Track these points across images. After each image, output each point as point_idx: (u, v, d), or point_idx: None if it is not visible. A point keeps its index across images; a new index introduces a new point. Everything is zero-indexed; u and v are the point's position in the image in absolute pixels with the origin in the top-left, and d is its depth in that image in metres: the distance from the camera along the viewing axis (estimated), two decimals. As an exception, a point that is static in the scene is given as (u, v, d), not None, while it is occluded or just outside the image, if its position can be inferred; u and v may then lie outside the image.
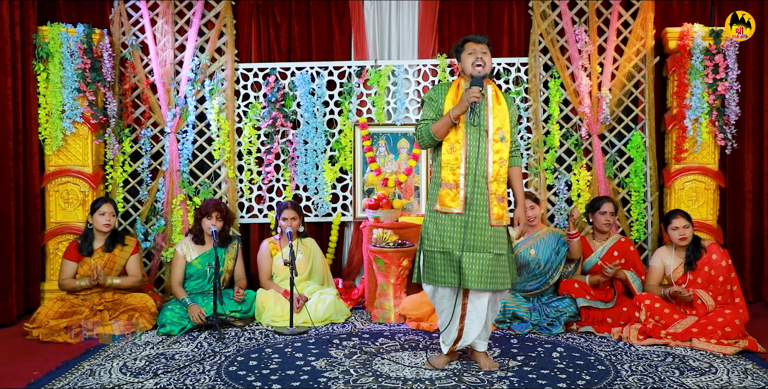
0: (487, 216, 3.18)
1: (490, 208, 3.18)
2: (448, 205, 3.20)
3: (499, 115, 3.23)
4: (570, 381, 3.11)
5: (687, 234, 3.98)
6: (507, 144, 3.23)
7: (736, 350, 3.56)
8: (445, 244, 3.19)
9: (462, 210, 3.18)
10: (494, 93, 3.27)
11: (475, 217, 3.18)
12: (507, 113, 3.25)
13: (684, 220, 3.98)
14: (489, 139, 3.19)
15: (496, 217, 3.19)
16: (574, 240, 4.15)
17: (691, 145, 4.78)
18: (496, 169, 3.19)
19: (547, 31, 4.99)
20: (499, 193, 3.21)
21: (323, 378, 3.15)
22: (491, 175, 3.18)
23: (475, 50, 3.27)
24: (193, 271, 4.37)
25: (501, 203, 3.22)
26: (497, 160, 3.20)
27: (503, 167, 3.22)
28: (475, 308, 3.22)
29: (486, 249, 3.16)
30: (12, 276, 4.41)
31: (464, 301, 3.22)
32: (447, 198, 3.21)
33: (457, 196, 3.19)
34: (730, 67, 4.69)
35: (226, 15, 5.05)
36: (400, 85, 5.09)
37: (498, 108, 3.24)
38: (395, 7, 5.23)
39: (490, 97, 3.24)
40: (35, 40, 4.66)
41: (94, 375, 3.21)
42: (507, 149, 3.23)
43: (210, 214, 4.37)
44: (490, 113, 3.21)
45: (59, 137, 4.74)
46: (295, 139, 5.10)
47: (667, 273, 4.08)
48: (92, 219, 4.18)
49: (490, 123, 3.20)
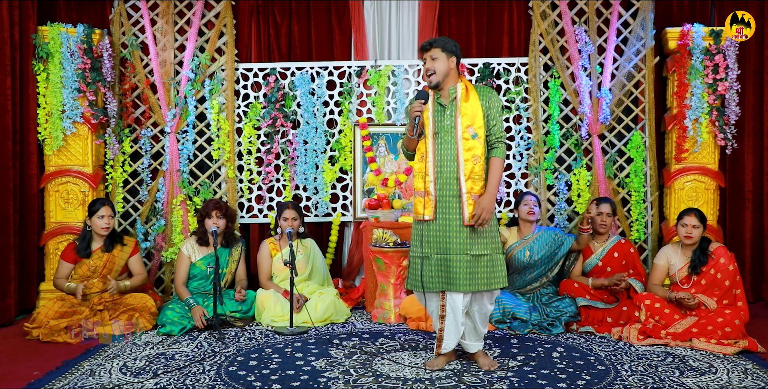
0: (459, 218, 3.16)
1: (463, 208, 3.15)
2: (421, 213, 3.23)
3: (467, 113, 3.18)
4: (570, 381, 3.11)
5: (694, 234, 3.95)
6: (480, 140, 3.17)
7: (736, 350, 3.56)
8: (424, 249, 3.22)
9: (432, 217, 3.19)
10: (464, 91, 3.21)
11: (447, 220, 3.18)
12: (479, 108, 3.19)
13: (695, 220, 3.95)
14: (459, 138, 3.17)
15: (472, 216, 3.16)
16: (585, 234, 4.18)
17: (691, 145, 4.78)
18: (469, 167, 3.15)
19: (547, 31, 4.99)
20: (474, 191, 3.15)
21: (323, 378, 3.15)
22: (464, 174, 3.14)
23: (425, 59, 3.21)
24: (197, 272, 4.37)
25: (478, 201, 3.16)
26: (470, 158, 3.15)
27: (478, 164, 3.15)
28: (451, 310, 3.21)
29: (462, 251, 3.15)
30: (11, 276, 4.41)
31: (442, 302, 3.23)
32: (419, 206, 3.23)
33: (429, 203, 3.19)
34: (730, 67, 4.68)
35: (226, 15, 5.05)
36: (400, 85, 5.09)
37: (465, 105, 3.18)
38: (395, 7, 5.23)
39: (459, 97, 3.20)
40: (35, 40, 4.66)
41: (94, 375, 3.21)
42: (481, 145, 3.17)
43: (210, 213, 4.37)
44: (458, 112, 3.18)
45: (59, 137, 4.73)
46: (295, 139, 5.09)
47: (671, 272, 4.06)
48: (90, 222, 4.18)
49: (459, 122, 3.17)
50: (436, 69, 3.18)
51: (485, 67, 5.04)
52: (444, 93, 3.26)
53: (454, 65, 3.23)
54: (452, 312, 3.21)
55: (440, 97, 3.26)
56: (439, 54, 3.18)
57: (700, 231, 3.97)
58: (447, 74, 3.21)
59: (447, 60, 3.20)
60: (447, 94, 3.25)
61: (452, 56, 3.21)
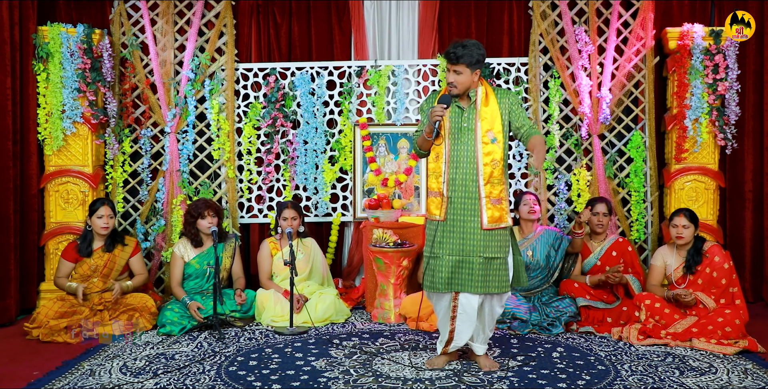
0: (477, 220, 3.17)
1: (482, 212, 3.17)
2: (434, 213, 3.25)
3: (487, 117, 3.19)
4: (570, 381, 3.11)
5: (685, 234, 3.95)
6: (499, 144, 3.18)
7: (736, 350, 3.56)
8: (435, 250, 3.23)
9: (444, 218, 3.21)
10: (484, 95, 3.22)
11: (463, 221, 3.19)
12: (497, 113, 3.19)
13: (685, 220, 3.95)
14: (478, 142, 3.18)
15: (491, 220, 3.17)
16: (578, 238, 4.18)
17: (691, 145, 4.78)
18: (488, 171, 3.17)
19: (547, 31, 4.98)
20: (494, 196, 3.17)
21: (323, 378, 3.15)
22: (483, 178, 3.16)
23: (449, 69, 3.15)
24: (192, 271, 4.37)
25: (497, 205, 3.18)
26: (489, 162, 3.17)
27: (497, 168, 3.17)
28: (464, 310, 3.22)
29: (475, 253, 3.17)
30: (11, 276, 4.41)
31: (455, 303, 3.23)
32: (432, 206, 3.26)
33: (442, 204, 3.21)
34: (730, 67, 4.68)
35: (226, 15, 5.05)
36: (400, 85, 5.09)
37: (485, 110, 3.19)
38: (395, 7, 5.23)
39: (479, 101, 3.21)
40: (35, 40, 4.66)
41: (94, 375, 3.21)
42: (500, 149, 3.18)
43: (203, 214, 4.35)
44: (477, 116, 3.19)
45: (59, 137, 4.73)
46: (295, 139, 5.09)
47: (668, 273, 4.07)
48: (90, 222, 4.19)
49: (479, 126, 3.18)
50: (458, 83, 3.14)
51: (485, 67, 5.04)
52: (463, 95, 3.25)
53: (477, 78, 3.19)
54: (465, 312, 3.21)
55: (459, 100, 3.25)
56: (464, 70, 3.12)
57: (691, 231, 3.96)
58: (468, 87, 3.19)
59: (471, 74, 3.15)
60: (467, 96, 3.25)
61: (477, 69, 3.16)
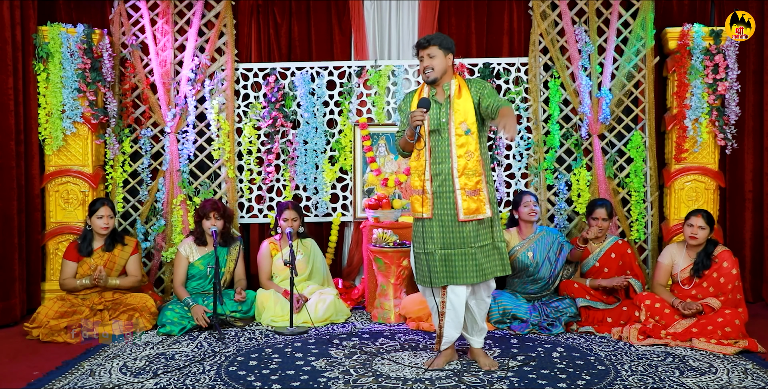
0: (454, 213, 3.19)
1: (458, 204, 3.18)
2: (419, 211, 3.26)
3: (460, 109, 3.21)
4: (570, 381, 3.11)
5: (699, 235, 3.94)
6: (473, 136, 3.19)
7: (736, 350, 3.56)
8: (427, 245, 3.24)
9: (431, 215, 3.23)
10: (457, 88, 3.24)
11: (443, 215, 3.22)
12: (470, 103, 3.21)
13: (702, 221, 3.94)
14: (452, 135, 3.20)
15: (467, 211, 3.18)
16: (578, 250, 4.19)
17: (691, 145, 4.78)
18: (462, 163, 3.18)
19: (547, 31, 4.98)
20: (469, 187, 3.18)
21: (323, 378, 3.15)
22: (457, 170, 3.18)
23: (422, 57, 3.25)
24: (195, 272, 4.37)
25: (473, 196, 3.18)
26: (463, 154, 3.18)
27: (471, 160, 3.18)
28: (452, 306, 3.23)
29: (466, 244, 3.19)
30: (15, 276, 4.41)
31: (443, 299, 3.25)
32: (416, 204, 3.27)
33: (426, 202, 3.23)
34: (730, 67, 4.68)
35: (226, 15, 5.05)
36: (400, 85, 5.09)
37: (458, 102, 3.21)
38: (395, 7, 5.23)
39: (452, 94, 3.24)
40: (35, 40, 4.66)
41: (94, 375, 3.21)
42: (474, 141, 3.19)
43: (208, 215, 4.37)
44: (451, 110, 3.22)
45: (59, 137, 4.73)
46: (295, 139, 5.09)
47: (674, 272, 4.06)
48: (90, 222, 4.19)
49: (452, 119, 3.21)
50: (434, 66, 3.23)
51: (485, 67, 5.04)
52: (439, 90, 3.29)
53: (450, 62, 3.28)
54: (453, 306, 3.22)
55: (435, 95, 3.29)
56: (436, 52, 3.22)
57: (705, 233, 3.95)
58: (444, 71, 3.26)
59: (444, 57, 3.24)
60: (442, 90, 3.28)
61: (449, 53, 3.26)
